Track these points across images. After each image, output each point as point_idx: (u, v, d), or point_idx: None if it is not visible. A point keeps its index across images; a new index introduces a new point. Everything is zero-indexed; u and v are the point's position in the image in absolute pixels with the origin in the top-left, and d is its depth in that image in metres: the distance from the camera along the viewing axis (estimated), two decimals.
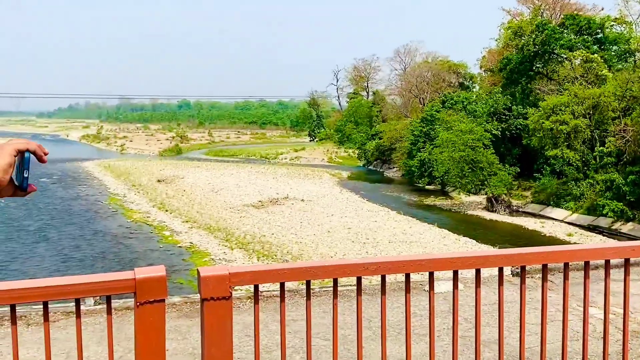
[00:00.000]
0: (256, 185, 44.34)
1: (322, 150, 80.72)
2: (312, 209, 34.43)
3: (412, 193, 44.72)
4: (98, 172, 56.67)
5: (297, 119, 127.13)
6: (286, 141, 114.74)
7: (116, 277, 2.08)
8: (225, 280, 2.14)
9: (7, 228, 30.00)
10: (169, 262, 23.60)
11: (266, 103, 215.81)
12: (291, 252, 24.29)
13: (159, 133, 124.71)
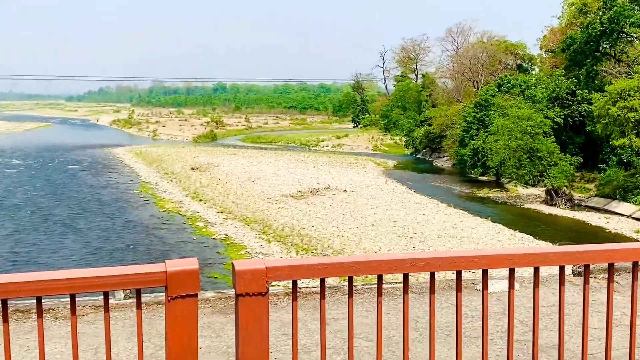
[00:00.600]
0: (295, 174, 44.50)
1: (366, 138, 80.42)
2: (355, 200, 34.38)
3: (463, 184, 44.20)
4: (129, 159, 57.76)
5: (340, 103, 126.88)
6: (328, 127, 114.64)
7: (146, 269, 2.11)
8: (261, 274, 2.15)
9: (34, 218, 30.88)
10: (202, 254, 23.95)
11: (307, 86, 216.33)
12: (332, 246, 24.34)
13: (193, 118, 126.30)
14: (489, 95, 48.67)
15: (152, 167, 50.61)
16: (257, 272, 2.15)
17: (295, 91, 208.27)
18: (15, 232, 27.47)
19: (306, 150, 71.25)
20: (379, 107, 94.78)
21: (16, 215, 30.98)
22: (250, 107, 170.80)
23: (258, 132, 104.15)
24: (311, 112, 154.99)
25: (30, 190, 38.84)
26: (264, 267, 2.17)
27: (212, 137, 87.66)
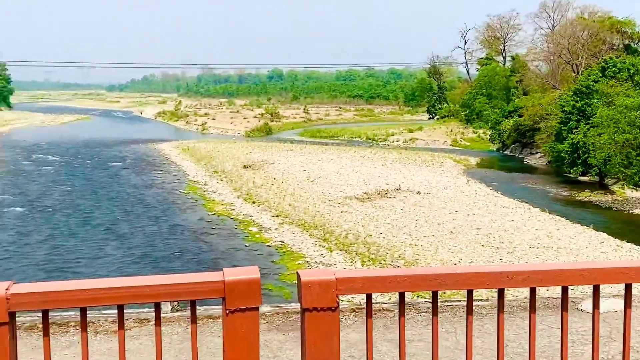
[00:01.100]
0: (361, 173, 44.44)
1: (444, 131, 79.62)
2: (430, 203, 34.06)
3: (560, 185, 43.20)
4: (176, 155, 58.96)
5: (414, 91, 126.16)
6: (399, 119, 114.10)
7: (202, 278, 2.11)
8: (331, 287, 2.12)
9: (73, 221, 31.85)
10: (255, 263, 24.11)
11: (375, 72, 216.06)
12: (404, 256, 24.17)
13: (245, 109, 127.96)
14: (591, 80, 47.44)
15: (201, 165, 51.49)
16: (326, 283, 2.12)
17: (362, 78, 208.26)
18: (51, 237, 28.39)
19: (373, 145, 71.08)
20: (459, 95, 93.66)
21: (52, 218, 32.04)
22: (310, 96, 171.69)
23: (318, 125, 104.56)
24: (379, 101, 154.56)
25: (68, 190, 40.11)
26: (334, 278, 2.13)
27: (266, 131, 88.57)
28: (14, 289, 2.03)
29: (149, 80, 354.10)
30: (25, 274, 22.98)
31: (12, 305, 2.00)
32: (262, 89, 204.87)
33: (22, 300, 2.02)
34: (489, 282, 2.26)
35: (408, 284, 2.19)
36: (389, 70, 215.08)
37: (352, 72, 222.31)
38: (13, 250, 26.03)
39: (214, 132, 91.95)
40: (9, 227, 30.24)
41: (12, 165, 51.88)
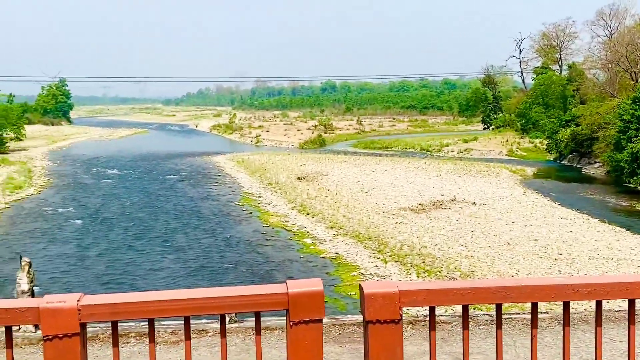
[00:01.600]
0: (415, 184, 44.19)
1: (499, 141, 78.66)
2: (486, 214, 33.65)
3: (619, 196, 42.18)
4: (230, 167, 59.57)
5: (468, 101, 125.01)
6: (453, 129, 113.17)
7: (266, 290, 2.13)
8: (394, 299, 2.11)
9: (131, 233, 32.45)
10: (310, 275, 24.19)
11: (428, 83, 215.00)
12: (460, 267, 23.90)
13: (299, 121, 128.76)
14: None
15: (255, 177, 51.90)
16: (389, 296, 2.11)
17: (415, 88, 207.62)
18: (109, 249, 28.95)
19: (428, 156, 70.62)
20: (514, 105, 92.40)
21: (111, 231, 32.70)
22: (363, 107, 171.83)
23: (372, 136, 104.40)
24: (433, 112, 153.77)
25: (126, 203, 40.89)
26: (397, 290, 2.13)
27: (320, 143, 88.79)
28: (84, 300, 2.09)
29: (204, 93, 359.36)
30: (84, 286, 23.47)
31: (83, 316, 2.05)
32: (315, 101, 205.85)
33: (92, 311, 2.07)
34: (554, 294, 2.22)
35: (472, 297, 2.17)
36: (442, 80, 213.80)
37: (405, 83, 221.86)
38: (73, 263, 26.61)
39: (268, 144, 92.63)
40: (70, 239, 30.97)
41: (72, 178, 53.15)
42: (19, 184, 47.39)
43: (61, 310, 2.04)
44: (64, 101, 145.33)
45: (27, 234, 31.83)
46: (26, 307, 2.09)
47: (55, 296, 2.09)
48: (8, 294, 21.92)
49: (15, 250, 28.30)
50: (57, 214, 37.30)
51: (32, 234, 31.92)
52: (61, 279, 24.13)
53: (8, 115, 78.82)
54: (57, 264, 26.02)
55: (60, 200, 41.81)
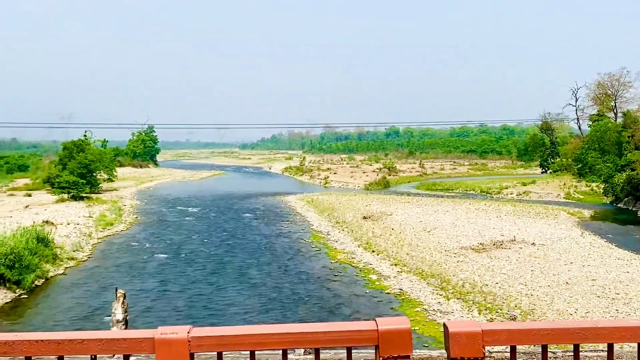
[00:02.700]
0: (476, 224, 43.53)
1: (557, 184, 77.03)
2: (545, 254, 32.83)
3: None
4: (301, 207, 59.95)
5: (526, 146, 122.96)
6: (512, 173, 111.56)
7: (357, 327, 2.14)
8: (477, 338, 2.10)
9: (209, 268, 32.91)
10: (376, 310, 24.02)
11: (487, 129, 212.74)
12: (520, 305, 23.33)
13: (364, 164, 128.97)
14: None
15: (324, 216, 52.07)
16: (473, 335, 2.10)
17: (475, 134, 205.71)
18: (189, 283, 29.40)
19: (487, 198, 69.61)
20: (571, 150, 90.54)
21: (191, 266, 33.21)
22: (425, 151, 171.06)
23: (433, 178, 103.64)
24: (492, 156, 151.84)
25: (205, 240, 41.54)
26: (480, 330, 2.12)
27: (384, 184, 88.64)
28: (193, 332, 2.15)
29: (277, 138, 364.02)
30: (166, 319, 23.84)
31: (193, 347, 2.12)
32: (380, 145, 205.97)
33: (201, 342, 2.13)
34: (629, 336, 2.17)
35: (551, 337, 2.13)
36: (501, 126, 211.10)
37: (466, 128, 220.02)
38: (156, 296, 27.10)
39: (335, 185, 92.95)
40: (154, 273, 31.59)
41: (157, 216, 54.37)
42: (110, 221, 48.74)
43: (174, 341, 2.11)
44: (151, 146, 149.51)
45: (116, 268, 32.64)
46: (142, 337, 2.17)
47: (168, 328, 2.16)
48: (99, 322, 22.46)
49: (106, 282, 29.05)
50: (144, 249, 38.15)
51: (121, 267, 32.71)
52: (146, 311, 24.59)
53: (102, 158, 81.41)
54: (142, 296, 26.53)
55: (147, 236, 42.79)
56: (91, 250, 37.13)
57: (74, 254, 35.05)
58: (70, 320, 23.11)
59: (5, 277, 26.38)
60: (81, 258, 34.73)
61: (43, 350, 2.19)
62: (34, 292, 27.12)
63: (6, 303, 25.25)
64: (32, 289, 27.43)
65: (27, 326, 22.32)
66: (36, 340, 2.20)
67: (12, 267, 26.72)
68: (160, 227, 47.31)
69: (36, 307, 25.17)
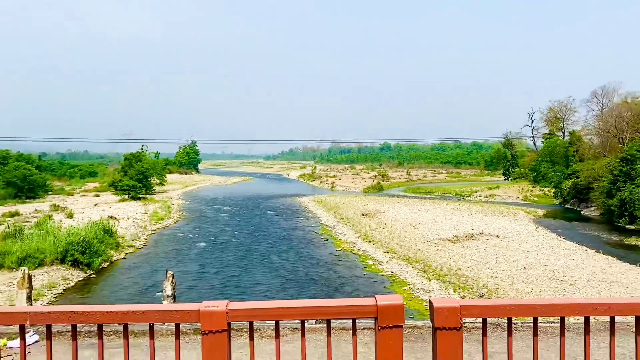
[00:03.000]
0: (452, 220, 43.33)
1: (516, 189, 76.62)
2: (507, 245, 32.64)
3: (611, 232, 40.25)
4: (312, 206, 59.88)
5: (492, 158, 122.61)
6: (480, 180, 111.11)
7: (360, 302, 2.14)
8: (456, 312, 2.09)
9: (239, 254, 32.88)
10: (372, 288, 23.90)
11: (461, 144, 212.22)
12: (487, 286, 23.18)
13: (363, 172, 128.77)
14: (635, 150, 44.44)
15: (330, 213, 51.98)
16: (452, 309, 2.10)
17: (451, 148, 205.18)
18: (222, 266, 29.39)
19: (461, 199, 69.30)
20: (528, 162, 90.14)
21: (224, 252, 33.21)
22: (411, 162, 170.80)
23: (418, 183, 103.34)
24: (465, 166, 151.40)
25: (236, 231, 41.54)
26: (459, 305, 2.11)
27: (379, 188, 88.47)
28: (230, 306, 2.15)
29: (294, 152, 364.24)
30: (206, 294, 23.82)
31: (230, 317, 2.12)
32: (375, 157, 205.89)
33: (236, 314, 2.14)
34: (578, 311, 2.16)
35: (515, 311, 2.13)
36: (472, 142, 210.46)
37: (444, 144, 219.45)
38: (197, 276, 27.12)
39: (340, 188, 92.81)
40: (195, 258, 31.61)
41: (198, 213, 54.44)
42: (161, 216, 48.84)
43: (215, 312, 2.11)
44: (194, 157, 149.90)
45: (165, 254, 32.67)
46: (190, 309, 2.18)
47: (210, 302, 2.17)
48: (152, 297, 22.49)
49: (157, 265, 29.09)
50: (187, 238, 38.19)
51: (169, 253, 32.74)
52: (189, 288, 24.60)
53: (155, 167, 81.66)
54: (186, 276, 26.55)
55: (190, 229, 42.83)
56: (146, 240, 37.20)
57: (132, 242, 35.13)
58: (129, 294, 23.16)
59: (78, 261, 26.48)
60: (138, 246, 34.81)
61: (112, 319, 2.20)
62: (101, 273, 27.20)
63: (79, 281, 25.33)
64: (99, 270, 27.51)
65: (96, 299, 22.38)
66: (106, 311, 2.22)
67: (84, 253, 26.83)
68: (201, 222, 47.37)
69: (103, 284, 25.24)
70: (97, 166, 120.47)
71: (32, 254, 25.76)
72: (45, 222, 35.28)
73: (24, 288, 15.48)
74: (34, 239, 28.47)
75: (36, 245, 26.64)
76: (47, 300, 21.85)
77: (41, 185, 65.51)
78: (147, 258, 31.10)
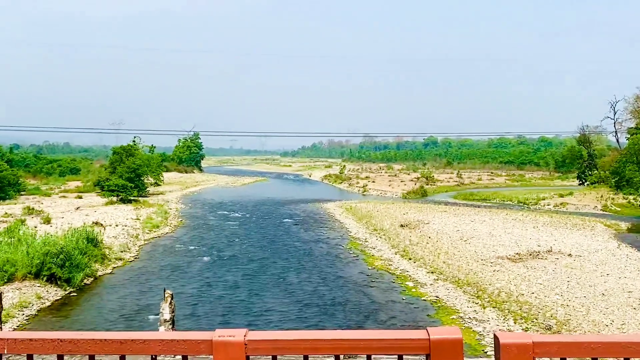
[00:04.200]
0: (512, 234, 42.94)
1: (594, 196, 75.57)
2: (581, 265, 32.22)
3: None
4: (339, 214, 59.91)
5: (564, 158, 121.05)
6: (549, 184, 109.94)
7: (409, 335, 2.14)
8: (528, 350, 2.08)
9: (250, 271, 33.07)
10: (412, 316, 23.84)
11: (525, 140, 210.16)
12: (555, 316, 22.93)
13: (402, 173, 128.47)
14: None
15: (362, 223, 51.94)
16: (524, 346, 2.09)
17: (513, 145, 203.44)
18: (232, 285, 29.60)
19: (524, 208, 68.62)
20: (608, 163, 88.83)
21: (232, 269, 33.44)
22: (463, 162, 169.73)
23: (471, 188, 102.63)
24: (530, 167, 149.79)
25: (246, 243, 41.80)
26: (531, 342, 2.10)
27: (421, 194, 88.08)
28: (250, 336, 2.17)
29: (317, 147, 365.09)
30: (209, 320, 24.01)
31: (249, 350, 2.14)
32: (418, 155, 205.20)
33: (257, 346, 2.15)
34: None
35: (602, 351, 2.10)
36: (539, 138, 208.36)
37: (504, 140, 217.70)
38: (198, 297, 27.34)
39: (373, 193, 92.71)
40: (197, 275, 31.89)
41: (201, 220, 54.92)
42: (157, 223, 49.39)
43: (231, 343, 2.13)
44: (196, 152, 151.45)
45: (161, 268, 33.04)
46: (201, 339, 2.20)
47: (225, 331, 2.19)
48: (144, 321, 22.75)
49: (151, 283, 29.43)
50: (187, 251, 38.56)
51: (165, 268, 33.10)
52: (189, 311, 24.81)
53: (149, 163, 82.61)
54: (185, 297, 26.78)
55: (191, 239, 43.24)
56: (138, 251, 37.67)
57: (121, 254, 35.61)
58: (117, 317, 23.47)
59: (56, 275, 26.91)
60: (128, 258, 35.27)
61: (106, 349, 2.23)
62: (83, 290, 27.63)
63: (56, 300, 25.77)
64: (81, 287, 27.95)
65: (76, 323, 22.73)
66: (100, 339, 2.25)
67: (63, 266, 27.25)
68: (204, 231, 47.77)
69: (85, 304, 25.64)
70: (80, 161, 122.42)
71: (1, 266, 26.27)
72: (17, 228, 35.95)
73: None
74: (3, 248, 29.03)
75: (6, 257, 27.15)
76: (18, 323, 22.28)
77: (12, 183, 66.83)
78: (138, 274, 31.48)
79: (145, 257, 36.30)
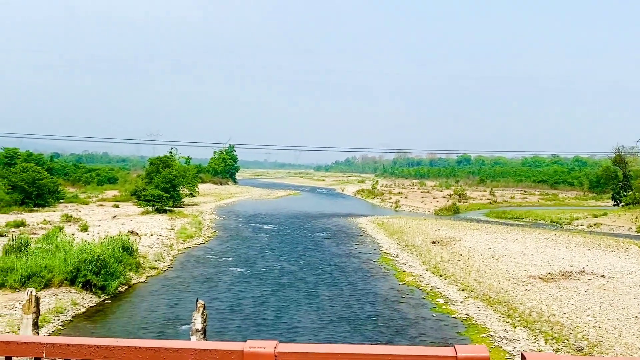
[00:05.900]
0: (545, 254, 42.33)
1: (629, 217, 74.14)
2: (614, 287, 31.58)
3: None
4: (371, 229, 59.77)
5: (598, 178, 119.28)
6: (583, 204, 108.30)
7: (437, 352, 2.15)
8: None
9: (281, 283, 33.13)
10: (441, 333, 23.63)
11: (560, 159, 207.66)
12: (587, 337, 22.51)
13: (435, 190, 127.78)
14: None
15: (393, 239, 51.73)
16: None
17: (547, 164, 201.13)
18: (261, 298, 29.66)
19: (557, 228, 67.63)
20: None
21: (264, 280, 33.55)
22: (496, 180, 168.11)
23: (503, 206, 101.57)
24: (564, 187, 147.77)
25: (278, 256, 41.92)
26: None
27: (454, 211, 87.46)
28: (280, 347, 2.20)
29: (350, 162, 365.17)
30: (238, 331, 24.09)
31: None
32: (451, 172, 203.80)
33: (287, 358, 2.18)
34: None
35: None
36: (573, 157, 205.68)
37: (537, 158, 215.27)
38: (229, 308, 27.46)
39: (406, 209, 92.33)
40: (228, 285, 32.05)
41: (234, 231, 55.27)
42: (191, 234, 49.84)
43: (262, 355, 2.17)
44: (231, 164, 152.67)
45: (193, 278, 33.29)
46: (232, 349, 2.24)
47: (256, 342, 2.23)
48: (176, 330, 22.94)
49: (184, 292, 29.67)
50: (220, 262, 38.80)
51: (198, 278, 33.34)
52: (219, 323, 24.93)
53: (185, 174, 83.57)
54: (216, 307, 26.92)
55: (224, 250, 43.52)
56: (171, 261, 38.03)
57: (155, 263, 35.99)
58: (149, 326, 23.70)
59: (91, 282, 27.28)
60: (162, 268, 35.62)
61: (140, 356, 2.29)
62: (117, 298, 27.96)
63: (91, 307, 26.11)
64: (116, 294, 28.28)
65: (109, 330, 23.01)
66: (135, 346, 2.31)
67: (98, 274, 27.61)
68: (237, 242, 48.05)
69: (119, 312, 25.93)
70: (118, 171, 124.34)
71: (38, 272, 26.68)
72: (55, 234, 36.57)
73: (31, 313, 16.13)
74: (41, 254, 29.53)
75: (43, 263, 27.61)
76: (54, 328, 22.62)
77: (52, 191, 68.05)
78: (172, 283, 31.77)
79: (178, 266, 36.62)
